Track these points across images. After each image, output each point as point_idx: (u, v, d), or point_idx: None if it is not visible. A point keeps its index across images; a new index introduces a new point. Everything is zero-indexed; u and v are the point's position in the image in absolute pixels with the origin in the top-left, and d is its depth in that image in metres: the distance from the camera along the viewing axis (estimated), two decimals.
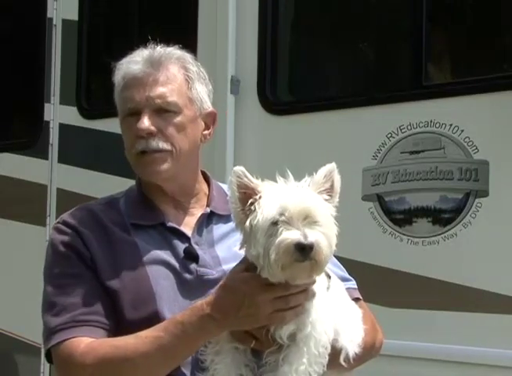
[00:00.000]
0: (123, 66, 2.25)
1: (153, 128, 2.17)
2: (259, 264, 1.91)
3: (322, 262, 1.89)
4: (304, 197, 1.91)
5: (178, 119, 2.21)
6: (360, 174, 3.77)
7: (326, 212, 1.93)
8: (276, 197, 1.92)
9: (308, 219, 1.89)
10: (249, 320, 1.96)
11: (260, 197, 1.94)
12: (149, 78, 2.19)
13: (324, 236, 1.89)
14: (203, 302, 2.01)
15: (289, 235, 1.86)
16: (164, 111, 2.19)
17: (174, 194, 2.26)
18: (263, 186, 1.96)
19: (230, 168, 4.14)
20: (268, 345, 1.98)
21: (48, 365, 4.95)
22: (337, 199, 1.99)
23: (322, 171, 1.99)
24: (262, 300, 1.93)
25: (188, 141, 2.23)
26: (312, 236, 1.86)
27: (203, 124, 2.28)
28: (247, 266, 1.97)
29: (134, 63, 2.23)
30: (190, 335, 2.00)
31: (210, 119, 2.31)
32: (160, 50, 2.25)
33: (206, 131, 2.30)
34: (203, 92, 2.27)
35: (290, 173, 1.96)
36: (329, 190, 1.98)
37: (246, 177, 1.97)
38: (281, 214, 1.88)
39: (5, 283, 5.47)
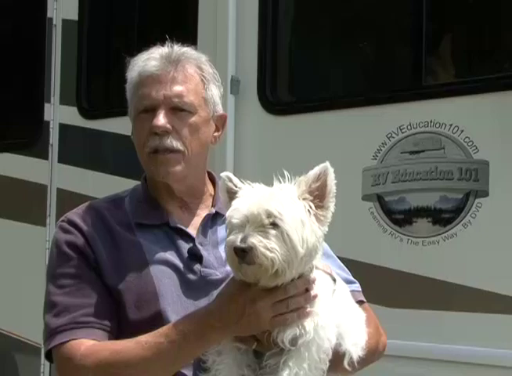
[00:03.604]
0: (138, 62, 2.23)
1: (169, 125, 2.16)
2: None
3: (269, 266, 1.86)
4: (261, 200, 1.90)
5: (192, 119, 2.20)
6: (360, 174, 3.77)
7: (289, 215, 1.88)
8: (238, 200, 1.94)
9: (262, 222, 1.87)
10: (251, 327, 1.96)
11: None
12: (167, 76, 2.17)
13: (277, 239, 1.86)
14: (205, 312, 2.00)
15: (230, 238, 1.89)
16: (179, 110, 2.18)
17: (181, 195, 2.25)
18: (242, 190, 1.97)
19: (230, 168, 4.14)
20: (270, 347, 1.96)
21: (48, 365, 4.95)
22: (330, 199, 1.95)
23: (314, 171, 1.96)
24: (262, 306, 1.93)
25: (200, 143, 2.22)
26: (250, 240, 1.85)
27: (214, 126, 2.28)
28: None
29: (151, 60, 2.20)
30: (191, 344, 1.99)
31: (221, 122, 2.31)
32: (177, 49, 2.23)
33: (216, 133, 2.30)
34: (216, 94, 2.27)
35: (286, 173, 1.94)
36: (319, 190, 1.95)
37: (231, 181, 1.99)
38: (234, 217, 1.91)
39: (5, 283, 5.46)
